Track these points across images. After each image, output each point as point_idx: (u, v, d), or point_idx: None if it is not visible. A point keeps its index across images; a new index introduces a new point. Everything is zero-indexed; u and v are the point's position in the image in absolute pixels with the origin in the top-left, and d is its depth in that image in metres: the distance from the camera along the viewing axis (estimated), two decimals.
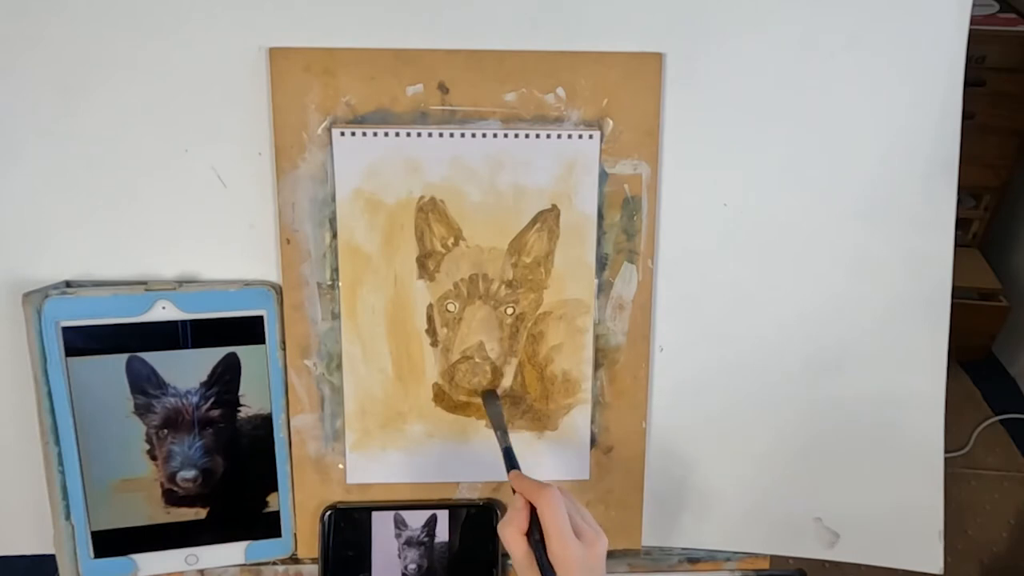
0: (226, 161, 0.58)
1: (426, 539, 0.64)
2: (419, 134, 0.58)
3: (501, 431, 0.59)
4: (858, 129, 0.60)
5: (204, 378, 0.60)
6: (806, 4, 0.57)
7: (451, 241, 0.60)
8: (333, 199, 0.59)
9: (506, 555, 0.66)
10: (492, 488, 0.65)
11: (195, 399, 0.60)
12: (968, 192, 1.85)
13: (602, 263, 0.61)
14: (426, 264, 0.60)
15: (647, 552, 0.68)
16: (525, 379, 0.63)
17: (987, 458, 1.71)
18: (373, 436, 0.63)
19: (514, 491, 0.53)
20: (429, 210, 0.59)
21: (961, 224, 1.84)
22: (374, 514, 0.63)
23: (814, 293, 0.63)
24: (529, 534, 0.50)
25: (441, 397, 0.63)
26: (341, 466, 0.63)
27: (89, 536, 0.61)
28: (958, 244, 0.62)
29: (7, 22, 0.54)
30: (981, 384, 1.86)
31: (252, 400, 0.61)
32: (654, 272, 0.62)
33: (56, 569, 0.61)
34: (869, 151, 0.60)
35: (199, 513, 0.62)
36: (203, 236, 0.59)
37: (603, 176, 0.60)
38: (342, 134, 0.57)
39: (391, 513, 0.63)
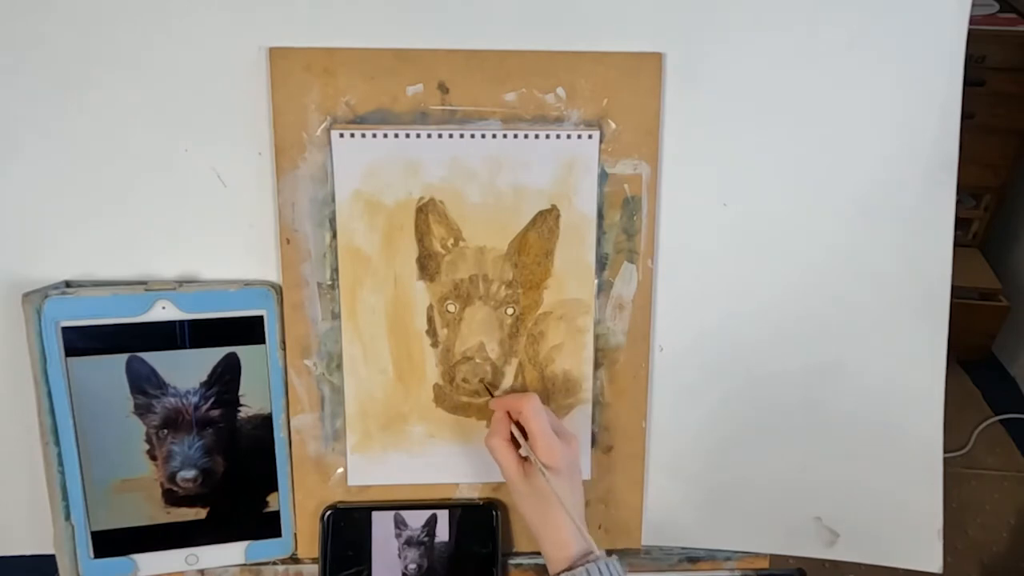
0: (226, 161, 0.58)
1: (426, 539, 0.64)
2: (419, 135, 0.58)
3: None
4: (858, 129, 0.60)
5: (204, 378, 0.60)
6: (806, 4, 0.57)
7: (451, 242, 0.60)
8: (333, 199, 0.59)
9: (506, 554, 0.66)
10: (492, 488, 0.65)
11: (195, 399, 0.60)
12: (968, 192, 1.85)
13: (602, 263, 0.61)
14: (426, 265, 0.60)
15: (647, 552, 0.68)
16: (526, 379, 0.63)
17: (987, 458, 1.71)
18: (374, 438, 0.63)
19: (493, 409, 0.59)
20: (429, 211, 0.59)
21: (961, 224, 1.84)
22: (374, 514, 0.63)
23: (814, 293, 0.63)
24: (515, 442, 0.56)
25: (442, 398, 0.63)
26: (341, 469, 0.63)
27: (89, 536, 0.61)
28: (958, 244, 0.62)
29: (7, 22, 0.54)
30: (981, 384, 1.86)
31: (252, 400, 0.61)
32: (654, 272, 0.62)
33: (56, 569, 0.61)
34: (869, 151, 0.60)
35: (199, 513, 0.62)
36: (203, 236, 0.59)
37: (603, 176, 0.60)
38: (341, 136, 0.57)
39: (391, 513, 0.63)
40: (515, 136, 0.58)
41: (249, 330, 0.60)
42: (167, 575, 0.63)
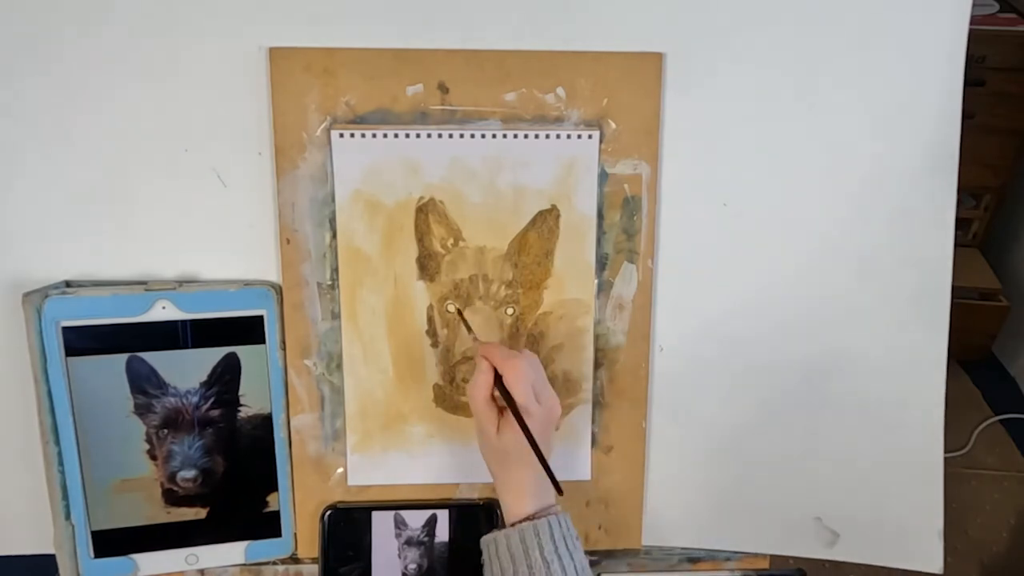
0: (226, 161, 0.58)
1: (426, 539, 0.64)
2: (419, 135, 0.58)
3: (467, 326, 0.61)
4: (858, 129, 0.60)
5: (204, 378, 0.60)
6: (806, 4, 0.57)
7: (451, 242, 0.60)
8: (333, 199, 0.59)
9: None
10: (492, 488, 0.65)
11: (195, 399, 0.60)
12: (968, 192, 1.85)
13: (602, 263, 0.61)
14: (426, 265, 0.60)
15: (647, 552, 0.68)
16: None
17: (987, 458, 1.71)
18: (374, 438, 0.63)
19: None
20: (429, 211, 0.59)
21: (961, 224, 1.84)
22: (374, 514, 0.63)
23: (814, 293, 0.63)
24: (495, 396, 0.55)
25: (442, 398, 0.63)
26: (341, 469, 0.63)
27: (89, 536, 0.61)
28: (958, 244, 0.62)
29: (7, 22, 0.54)
30: (981, 384, 1.86)
31: (252, 400, 0.61)
32: (654, 272, 0.62)
33: (56, 569, 0.61)
34: (869, 151, 0.60)
35: (199, 513, 0.62)
36: (203, 236, 0.59)
37: (603, 176, 0.60)
38: (340, 136, 0.57)
39: (391, 513, 0.63)
40: (515, 136, 0.58)
41: (249, 330, 0.60)
42: (167, 575, 0.63)
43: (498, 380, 0.55)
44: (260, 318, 0.60)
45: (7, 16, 0.54)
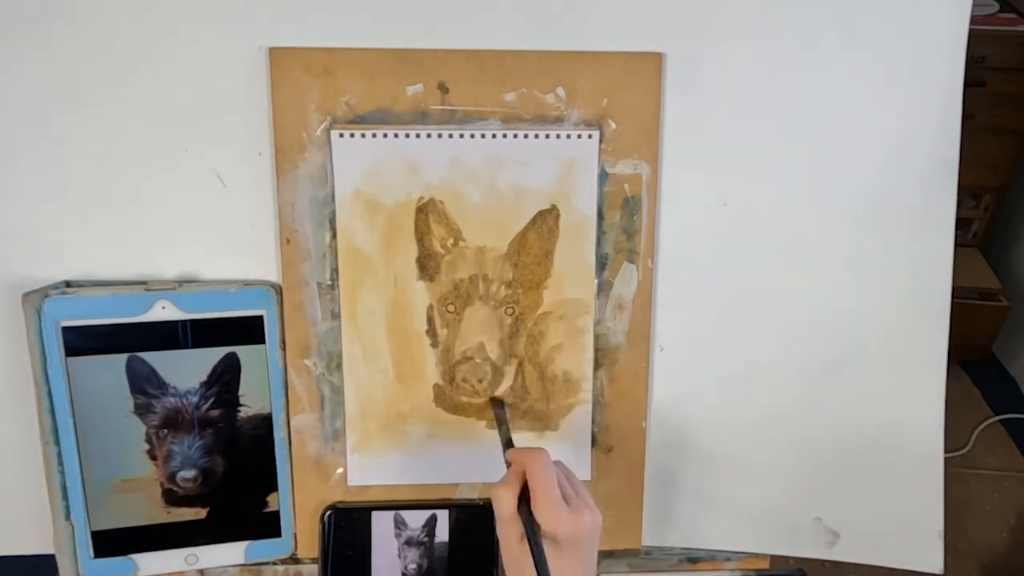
0: (226, 161, 0.58)
1: (426, 539, 0.64)
2: (418, 135, 0.58)
3: (504, 427, 0.59)
4: (858, 129, 0.60)
5: (204, 378, 0.60)
6: (806, 4, 0.57)
7: (451, 242, 0.60)
8: (333, 199, 0.59)
9: None
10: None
11: (195, 399, 0.60)
12: (968, 192, 1.85)
13: (602, 263, 0.61)
14: (426, 265, 0.60)
15: (647, 552, 0.68)
16: (526, 379, 0.63)
17: (987, 458, 1.71)
18: (374, 438, 0.63)
19: (508, 464, 0.53)
20: (429, 211, 0.59)
21: (961, 224, 1.83)
22: (374, 514, 0.63)
23: (814, 293, 0.63)
24: (520, 501, 0.49)
25: (442, 398, 0.63)
26: (341, 469, 0.63)
27: (89, 536, 0.61)
28: (958, 244, 0.62)
29: (7, 22, 0.54)
30: (981, 384, 1.87)
31: (252, 400, 0.61)
32: (654, 272, 0.62)
33: (56, 569, 0.61)
34: (869, 151, 0.60)
35: (199, 513, 0.62)
36: (203, 236, 0.59)
37: (603, 176, 0.60)
38: (340, 135, 0.57)
39: (391, 513, 0.63)
40: (515, 136, 0.58)
41: (249, 330, 0.60)
42: (167, 575, 0.63)
43: (524, 494, 0.49)
44: (260, 318, 0.60)
45: (7, 17, 0.54)
